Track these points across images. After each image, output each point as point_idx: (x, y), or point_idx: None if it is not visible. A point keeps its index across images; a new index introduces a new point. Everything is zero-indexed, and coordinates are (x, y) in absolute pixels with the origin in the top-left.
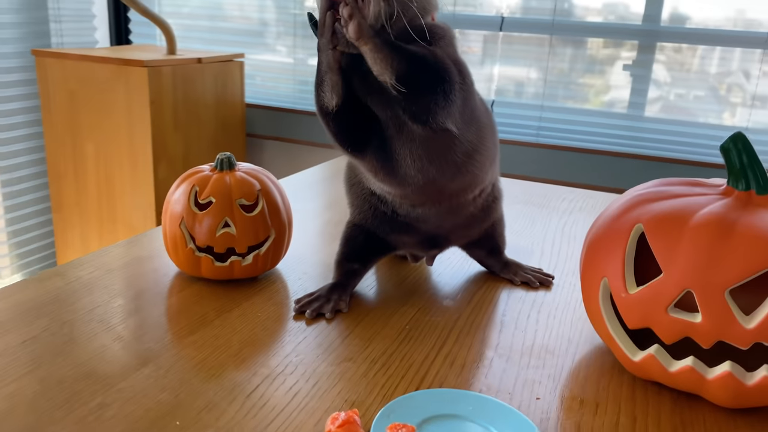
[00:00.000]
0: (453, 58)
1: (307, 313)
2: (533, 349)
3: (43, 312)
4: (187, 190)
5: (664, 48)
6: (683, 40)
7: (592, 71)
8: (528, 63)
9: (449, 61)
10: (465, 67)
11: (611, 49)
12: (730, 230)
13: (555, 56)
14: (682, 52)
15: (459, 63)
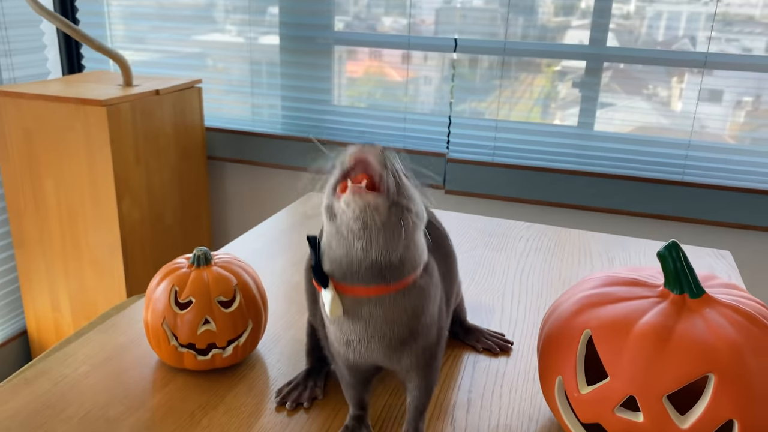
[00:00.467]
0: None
1: (287, 404)
2: (497, 430)
3: (38, 422)
4: (168, 289)
5: (610, 67)
6: (628, 61)
7: (543, 90)
8: (482, 84)
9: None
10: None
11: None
12: (667, 340)
13: (507, 78)
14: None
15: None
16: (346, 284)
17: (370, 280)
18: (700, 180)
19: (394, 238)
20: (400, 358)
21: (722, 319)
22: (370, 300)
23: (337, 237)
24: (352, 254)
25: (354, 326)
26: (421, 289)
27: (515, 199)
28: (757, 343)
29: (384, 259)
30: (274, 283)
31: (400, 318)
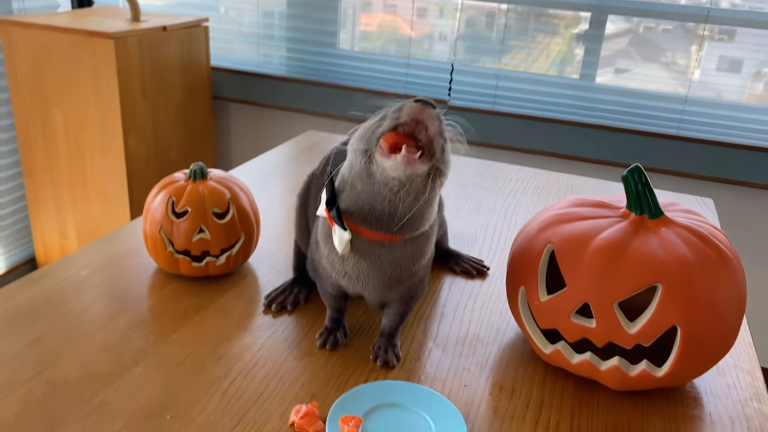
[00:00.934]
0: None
1: (273, 307)
2: (466, 338)
3: (40, 315)
4: (165, 200)
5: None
6: (633, 14)
7: (548, 40)
8: (486, 33)
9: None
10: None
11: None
12: (621, 254)
13: (510, 27)
14: (633, 23)
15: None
16: (361, 227)
17: (389, 228)
18: (695, 135)
19: (423, 197)
20: (390, 293)
21: (676, 237)
22: (382, 244)
23: (367, 183)
24: (376, 203)
25: (358, 263)
26: (426, 237)
27: (514, 148)
28: (706, 260)
29: (407, 213)
30: (271, 206)
31: (404, 261)
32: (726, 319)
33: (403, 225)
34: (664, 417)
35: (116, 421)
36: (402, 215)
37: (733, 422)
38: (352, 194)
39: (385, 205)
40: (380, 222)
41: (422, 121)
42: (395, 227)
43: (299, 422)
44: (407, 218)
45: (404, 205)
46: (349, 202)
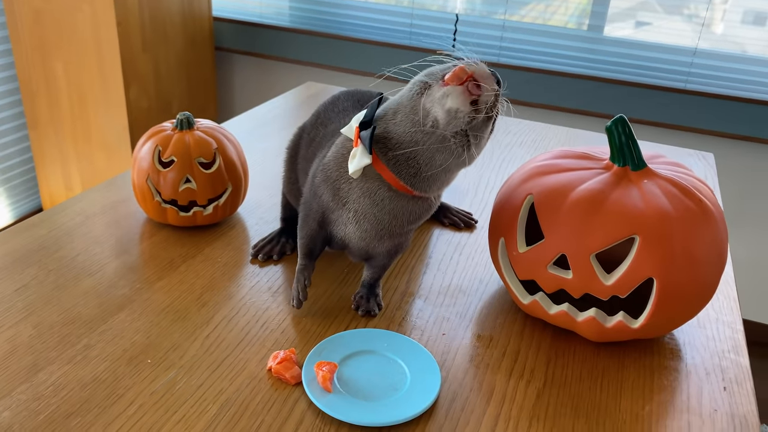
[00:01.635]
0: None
1: (259, 256)
2: (449, 289)
3: (31, 260)
4: (151, 149)
5: None
6: None
7: None
8: None
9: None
10: None
11: None
12: (599, 206)
13: None
14: None
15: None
16: (381, 161)
17: (403, 174)
18: (704, 89)
19: (444, 152)
20: (378, 245)
21: (657, 189)
22: (391, 188)
23: (407, 115)
24: (409, 137)
25: (362, 198)
26: (429, 205)
27: (517, 102)
28: (686, 212)
29: (427, 168)
30: (266, 157)
31: (402, 216)
32: (704, 272)
33: (416, 178)
34: (639, 367)
35: (99, 364)
36: (422, 165)
37: (708, 374)
38: (389, 125)
39: (418, 139)
40: (398, 161)
41: (488, 78)
42: (409, 176)
43: (276, 367)
44: (423, 174)
45: (433, 155)
46: (380, 130)
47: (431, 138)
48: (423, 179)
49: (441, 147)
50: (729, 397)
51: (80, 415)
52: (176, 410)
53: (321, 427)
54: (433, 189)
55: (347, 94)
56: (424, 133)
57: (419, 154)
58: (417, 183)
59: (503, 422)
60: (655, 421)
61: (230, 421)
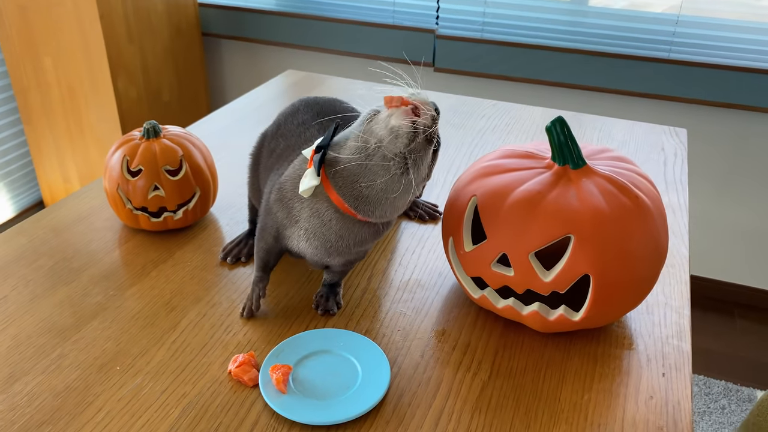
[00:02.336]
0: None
1: (228, 259)
2: (408, 284)
3: (11, 272)
4: (120, 159)
5: None
6: None
7: None
8: None
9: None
10: None
11: None
12: (536, 206)
13: None
14: None
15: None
16: (330, 183)
17: (347, 196)
18: (687, 58)
19: (388, 175)
20: (330, 260)
21: (594, 188)
22: (338, 209)
23: (358, 139)
24: (356, 159)
25: (311, 218)
26: (375, 231)
27: (504, 77)
28: (621, 210)
29: (368, 190)
30: (241, 156)
31: (348, 238)
32: (640, 267)
33: (359, 202)
34: (583, 356)
35: (71, 373)
36: (365, 190)
37: (650, 360)
38: (339, 149)
39: (356, 169)
40: (346, 186)
41: (422, 108)
42: (354, 198)
43: (235, 371)
44: (382, 204)
45: (367, 178)
46: (331, 155)
47: (374, 158)
48: (366, 202)
49: (382, 168)
50: (666, 383)
51: (52, 423)
52: (141, 415)
53: (275, 426)
54: (376, 214)
55: (306, 105)
56: (368, 155)
57: (362, 177)
58: (361, 206)
59: (446, 415)
60: (592, 409)
61: (191, 423)
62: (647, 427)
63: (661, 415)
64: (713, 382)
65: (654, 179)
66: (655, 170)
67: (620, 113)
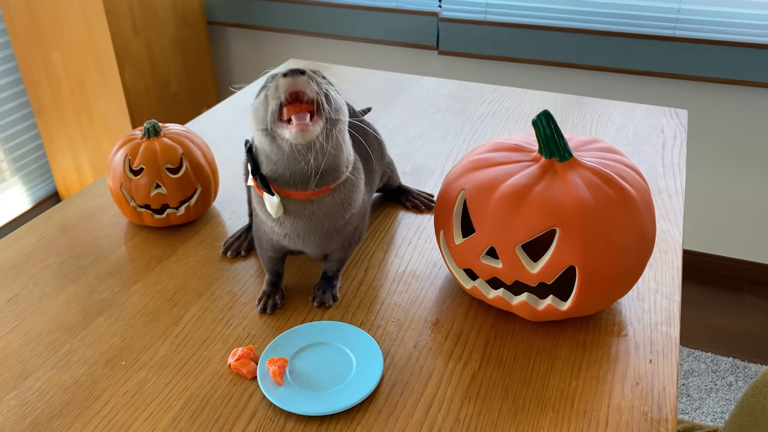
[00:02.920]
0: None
1: (228, 253)
2: (404, 275)
3: (21, 270)
4: (122, 158)
5: None
6: None
7: None
8: None
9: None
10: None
11: None
12: (523, 199)
13: None
14: None
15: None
16: (289, 189)
17: (312, 185)
18: (692, 35)
19: (330, 147)
20: (329, 244)
21: (580, 180)
22: (311, 200)
23: (279, 154)
24: (293, 167)
25: (295, 223)
26: (352, 183)
27: (508, 59)
28: (606, 202)
29: (323, 167)
30: (242, 149)
31: (336, 210)
32: (625, 257)
33: (322, 177)
34: (572, 344)
35: (79, 369)
36: (317, 170)
37: (638, 347)
38: (269, 164)
39: (302, 166)
40: (302, 182)
41: (298, 90)
42: (316, 181)
43: (234, 364)
44: (324, 170)
45: (318, 161)
46: (270, 170)
47: (309, 154)
48: (326, 176)
49: (319, 150)
50: (653, 369)
51: (61, 417)
52: (145, 408)
53: (272, 417)
54: (341, 173)
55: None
56: (300, 155)
57: (309, 166)
58: (323, 181)
59: (437, 404)
60: (578, 396)
61: (192, 415)
62: (632, 413)
63: (646, 401)
64: (720, 359)
65: (651, 163)
66: (654, 153)
67: (624, 93)
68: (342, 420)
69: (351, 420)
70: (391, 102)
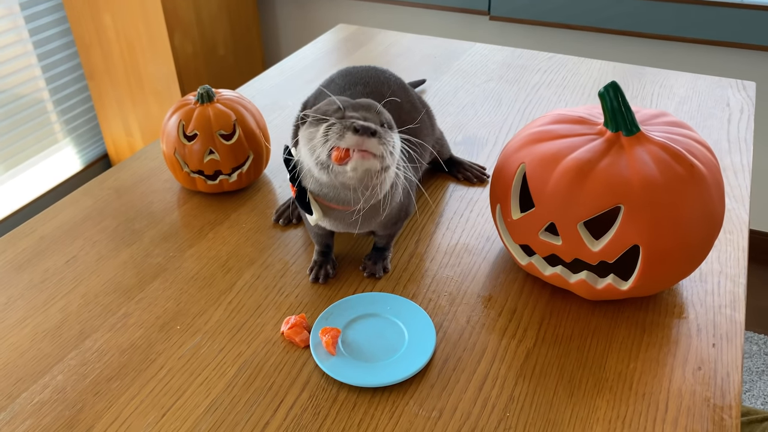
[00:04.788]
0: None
1: (280, 221)
2: (456, 248)
3: (79, 233)
4: (176, 123)
5: None
6: None
7: None
8: None
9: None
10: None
11: None
12: (587, 175)
13: None
14: None
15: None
16: (330, 203)
17: (352, 204)
18: (760, 1)
19: (377, 187)
20: (373, 227)
21: (647, 156)
22: (352, 211)
23: (329, 180)
24: (339, 193)
25: (336, 225)
26: (391, 188)
27: (563, 25)
28: (674, 179)
29: (367, 201)
30: (292, 116)
31: (377, 213)
32: (692, 237)
33: (365, 202)
34: (631, 324)
35: (135, 331)
36: (361, 201)
37: (700, 330)
38: (315, 183)
39: (349, 194)
40: (345, 201)
41: (363, 145)
42: (358, 207)
43: (288, 332)
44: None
45: (366, 197)
46: (314, 187)
47: (358, 189)
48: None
49: (368, 187)
50: (716, 353)
51: (119, 378)
52: (200, 373)
53: (325, 387)
54: (377, 198)
55: (339, 75)
56: (349, 188)
57: (355, 193)
58: (364, 203)
59: (491, 381)
60: (637, 378)
61: (246, 381)
62: (693, 398)
63: (708, 387)
64: None
65: (717, 137)
66: (718, 128)
67: (687, 64)
68: (394, 392)
69: (403, 393)
70: (442, 69)
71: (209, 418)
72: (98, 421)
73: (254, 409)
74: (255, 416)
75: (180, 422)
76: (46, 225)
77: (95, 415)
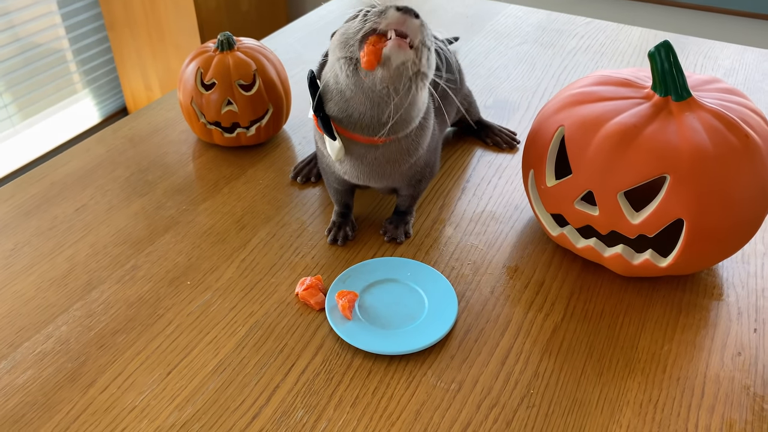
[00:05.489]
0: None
1: (298, 179)
2: (482, 216)
3: (90, 181)
4: (194, 71)
5: None
6: None
7: None
8: None
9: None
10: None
11: None
12: (631, 141)
13: None
14: None
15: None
16: (352, 132)
17: (378, 132)
18: None
19: (408, 98)
20: (395, 182)
21: (698, 123)
22: (376, 146)
23: (355, 92)
24: (366, 110)
25: (356, 165)
26: (420, 129)
27: None
28: (727, 149)
29: (395, 116)
30: None
31: (401, 157)
32: (742, 212)
33: (392, 127)
34: (666, 304)
35: (144, 285)
36: (388, 120)
37: (741, 313)
38: (340, 102)
39: (375, 111)
40: (371, 127)
41: (404, 32)
42: (384, 129)
43: (302, 293)
44: (395, 121)
45: (393, 108)
46: (338, 110)
47: (387, 96)
48: (395, 127)
49: (398, 95)
50: (758, 339)
51: (125, 332)
52: (209, 331)
53: (339, 351)
54: (410, 126)
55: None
56: (378, 96)
57: (382, 111)
58: (392, 131)
59: (514, 355)
60: (671, 361)
61: (256, 343)
62: (732, 385)
63: (748, 374)
64: None
65: (765, 112)
66: (767, 102)
67: (731, 36)
68: (412, 361)
69: (421, 363)
70: (474, 30)
71: (217, 378)
72: (101, 375)
73: (264, 371)
74: (265, 378)
75: (186, 380)
76: (57, 171)
77: (98, 368)
